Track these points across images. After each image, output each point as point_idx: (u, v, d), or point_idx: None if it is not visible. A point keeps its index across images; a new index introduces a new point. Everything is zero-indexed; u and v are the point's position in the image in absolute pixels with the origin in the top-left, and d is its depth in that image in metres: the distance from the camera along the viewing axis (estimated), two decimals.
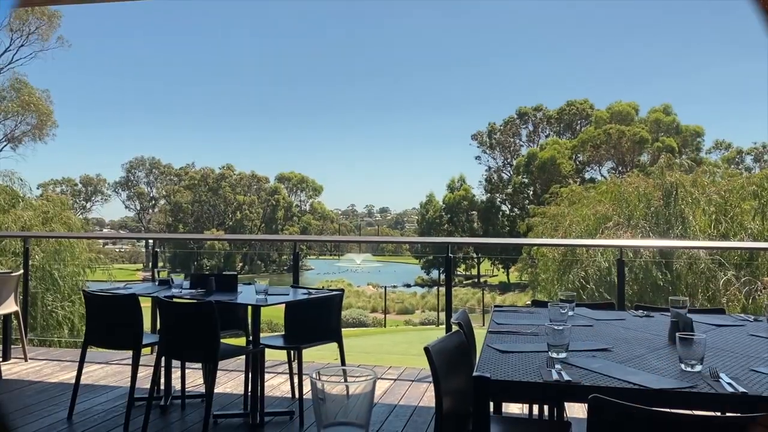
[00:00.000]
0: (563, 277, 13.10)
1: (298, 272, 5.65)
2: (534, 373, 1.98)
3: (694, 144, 41.64)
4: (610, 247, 10.94)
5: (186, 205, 55.03)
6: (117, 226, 67.18)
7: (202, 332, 3.48)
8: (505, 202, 48.36)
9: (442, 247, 4.22)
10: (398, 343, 14.87)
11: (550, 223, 15.47)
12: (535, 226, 16.60)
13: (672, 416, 1.55)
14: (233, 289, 4.04)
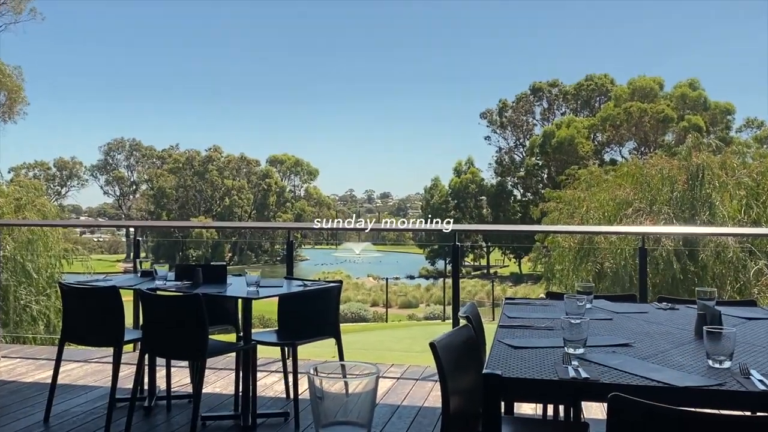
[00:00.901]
0: (580, 267, 13.11)
1: (292, 263, 5.65)
2: (549, 370, 1.99)
3: (724, 122, 41.47)
4: (631, 235, 10.93)
5: (170, 191, 55.03)
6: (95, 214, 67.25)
7: (188, 328, 3.49)
8: (517, 186, 48.32)
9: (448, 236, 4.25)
10: (401, 339, 14.93)
11: (566, 209, 15.45)
12: (550, 212, 16.59)
13: (699, 416, 1.55)
14: (222, 281, 4.05)
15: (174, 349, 3.64)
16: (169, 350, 3.69)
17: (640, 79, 42.97)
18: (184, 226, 43.39)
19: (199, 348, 3.46)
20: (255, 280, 3.77)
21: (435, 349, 2.14)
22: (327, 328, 4.17)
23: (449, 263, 50.83)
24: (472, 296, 28.86)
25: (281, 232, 50.43)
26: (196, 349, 3.48)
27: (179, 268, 4.16)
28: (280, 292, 3.99)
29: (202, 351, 3.46)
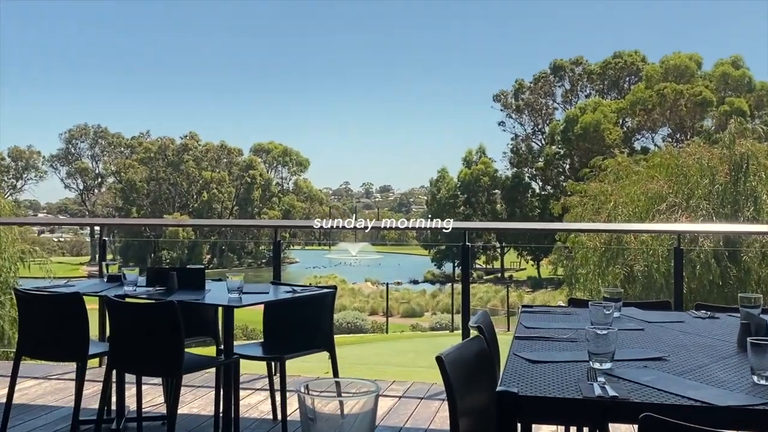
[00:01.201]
0: (606, 271, 13.13)
1: (279, 266, 5.66)
2: (571, 387, 1.98)
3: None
4: (666, 233, 10.93)
5: (140, 184, 55.06)
6: (55, 210, 67.29)
7: (161, 340, 3.49)
8: (536, 179, 48.37)
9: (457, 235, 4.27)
10: (403, 353, 14.93)
11: (591, 205, 15.46)
12: (573, 208, 16.59)
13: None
14: (200, 286, 4.05)
15: (145, 364, 3.65)
16: (140, 365, 3.69)
17: (674, 56, 42.93)
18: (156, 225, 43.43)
19: (173, 363, 3.47)
20: (237, 286, 3.78)
21: (442, 363, 2.14)
22: (319, 339, 4.17)
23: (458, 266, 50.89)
24: (484, 303, 28.86)
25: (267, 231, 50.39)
26: (171, 363, 3.48)
27: (151, 272, 4.16)
28: (266, 299, 3.98)
29: (177, 366, 3.46)
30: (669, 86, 40.43)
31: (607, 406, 1.87)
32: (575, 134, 42.86)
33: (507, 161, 49.23)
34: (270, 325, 4.40)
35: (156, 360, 3.55)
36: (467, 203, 48.60)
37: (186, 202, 56.84)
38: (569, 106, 48.95)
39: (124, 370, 3.79)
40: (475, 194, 48.32)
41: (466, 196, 48.64)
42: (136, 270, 4.03)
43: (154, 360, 3.56)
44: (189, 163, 55.23)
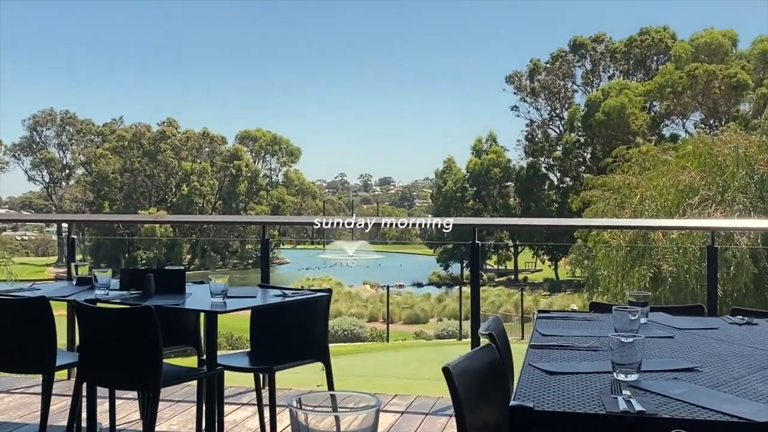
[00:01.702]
0: (631, 272, 13.14)
1: (268, 267, 5.66)
2: (593, 401, 1.99)
3: None
4: (697, 230, 10.94)
5: (113, 176, 55.08)
6: (18, 206, 67.33)
7: (137, 349, 3.49)
8: (553, 169, 48.37)
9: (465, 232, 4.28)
10: (406, 363, 14.95)
11: (614, 198, 15.47)
12: (594, 202, 16.60)
13: None
14: (179, 290, 4.06)
15: (119, 377, 3.65)
16: (114, 378, 3.70)
17: (707, 33, 42.88)
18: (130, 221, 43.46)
19: (150, 375, 3.47)
20: (221, 289, 3.78)
21: (450, 375, 2.14)
22: (313, 349, 4.17)
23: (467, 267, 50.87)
24: (495, 308, 28.86)
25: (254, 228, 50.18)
26: (148, 376, 3.49)
27: (126, 274, 4.16)
28: (254, 304, 3.99)
29: (154, 378, 3.47)
30: (700, 67, 40.38)
31: (632, 423, 1.87)
32: (597, 120, 42.83)
33: (521, 150, 49.30)
34: (258, 332, 4.40)
35: (131, 372, 3.56)
36: (477, 197, 48.61)
37: (164, 196, 56.85)
38: (590, 88, 48.91)
39: (96, 383, 3.80)
40: (486, 187, 48.33)
41: (475, 189, 48.65)
42: (108, 272, 4.03)
43: (129, 372, 3.56)
44: (167, 153, 55.23)
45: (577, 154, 46.30)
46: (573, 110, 46.65)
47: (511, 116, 53.49)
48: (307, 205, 60.42)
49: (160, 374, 3.47)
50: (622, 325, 2.69)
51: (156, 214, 45.01)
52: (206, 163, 56.52)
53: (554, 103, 49.44)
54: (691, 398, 1.99)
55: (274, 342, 4.31)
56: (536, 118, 49.55)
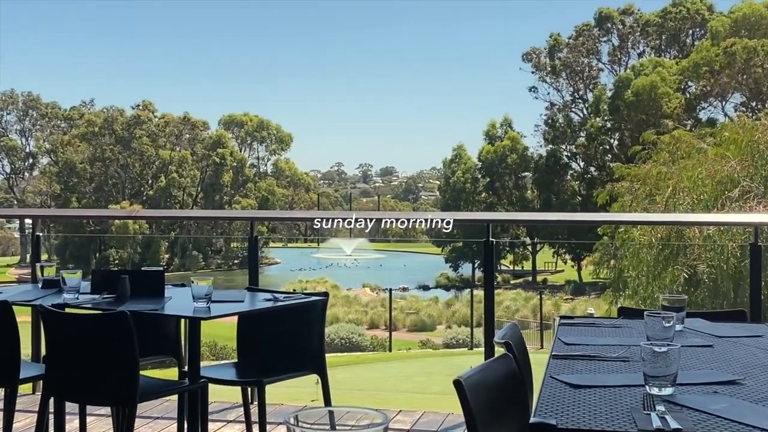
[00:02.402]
0: (664, 273, 13.12)
1: (257, 267, 5.67)
2: (623, 418, 1.98)
3: None
4: (738, 226, 10.91)
5: (82, 166, 55.12)
6: None
7: (111, 359, 3.50)
8: (576, 158, 48.34)
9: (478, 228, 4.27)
10: (411, 376, 14.97)
11: (644, 190, 15.45)
12: (622, 195, 16.58)
13: None
14: (158, 293, 4.06)
15: (91, 391, 3.65)
16: (84, 392, 3.69)
17: (746, 4, 42.75)
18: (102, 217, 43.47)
19: (126, 388, 3.48)
20: (205, 293, 3.78)
21: (461, 388, 2.15)
22: (307, 360, 4.18)
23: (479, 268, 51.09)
24: (511, 314, 28.86)
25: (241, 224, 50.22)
26: (123, 389, 3.49)
27: (97, 276, 4.17)
28: (241, 309, 3.98)
29: (130, 393, 3.47)
30: (739, 42, 40.26)
31: None
32: (625, 102, 42.78)
33: (540, 136, 49.26)
34: (246, 341, 4.40)
35: (104, 385, 3.56)
36: (490, 189, 48.60)
37: (139, 188, 56.89)
38: (618, 67, 48.86)
39: (64, 398, 3.80)
40: (500, 178, 48.31)
41: (488, 180, 48.63)
42: (78, 273, 4.03)
43: (102, 385, 3.57)
44: (142, 140, 55.26)
45: (603, 140, 46.25)
46: (598, 91, 46.57)
47: (529, 98, 53.42)
48: (300, 199, 60.43)
49: (137, 388, 3.47)
50: (654, 333, 2.69)
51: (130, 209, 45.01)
52: (186, 151, 56.55)
53: (577, 84, 49.39)
54: (733, 414, 1.99)
55: (263, 352, 4.31)
56: (557, 100, 49.54)
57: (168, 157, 55.23)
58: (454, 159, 50.18)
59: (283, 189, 59.31)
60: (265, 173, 61.20)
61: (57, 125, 60.44)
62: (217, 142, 56.82)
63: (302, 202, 60.35)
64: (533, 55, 49.93)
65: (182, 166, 55.53)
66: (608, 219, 12.05)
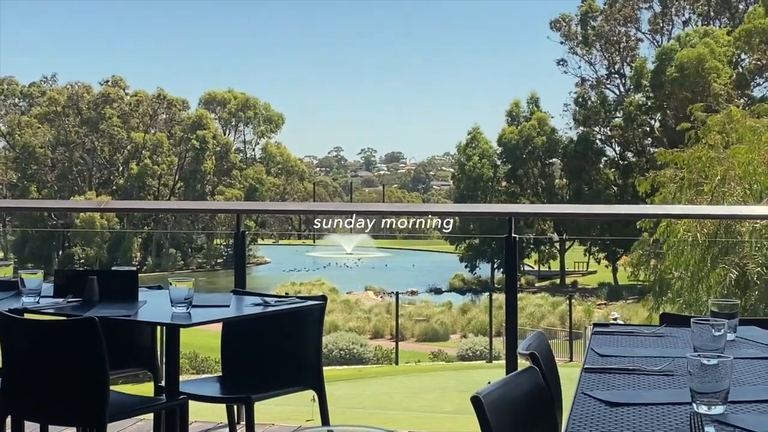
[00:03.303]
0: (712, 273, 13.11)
1: (244, 267, 5.67)
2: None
3: None
4: None
5: (42, 151, 55.19)
6: None
7: (76, 373, 3.50)
8: (611, 142, 48.23)
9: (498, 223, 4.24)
10: (421, 392, 14.98)
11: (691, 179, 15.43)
12: (665, 185, 16.57)
13: None
14: (130, 296, 4.06)
15: (54, 409, 3.65)
16: (46, 409, 3.69)
17: None
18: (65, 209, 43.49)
19: (94, 406, 3.48)
20: (185, 296, 3.78)
21: (480, 406, 2.14)
22: (302, 373, 4.18)
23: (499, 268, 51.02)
24: (536, 321, 28.84)
25: (225, 218, 49.97)
26: (90, 407, 3.49)
27: (61, 277, 4.17)
28: (227, 315, 3.98)
29: (99, 411, 3.47)
30: None
31: None
32: (669, 78, 42.65)
33: (569, 117, 49.13)
34: (231, 352, 4.41)
35: (69, 402, 3.56)
36: (512, 177, 48.53)
37: (108, 176, 56.93)
38: (660, 37, 48.71)
39: (23, 417, 3.80)
40: (524, 164, 48.23)
41: (510, 167, 48.56)
42: (39, 273, 4.03)
43: (67, 402, 3.57)
44: (112, 121, 55.27)
45: (643, 121, 46.12)
46: (638, 65, 46.41)
47: (557, 73, 53.30)
48: (293, 189, 60.45)
49: (106, 405, 3.47)
50: (703, 343, 2.68)
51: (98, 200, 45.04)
52: (162, 134, 56.58)
53: (613, 56, 49.24)
54: None
55: (252, 364, 4.32)
56: (590, 75, 49.40)
57: (141, 141, 55.27)
58: (469, 143, 50.08)
59: (273, 178, 59.31)
60: (252, 159, 61.20)
61: (14, 104, 60.45)
62: (198, 123, 56.82)
63: (296, 192, 60.37)
64: (562, 22, 49.81)
65: (157, 151, 55.56)
66: (649, 212, 11.99)
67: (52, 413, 3.74)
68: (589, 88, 48.97)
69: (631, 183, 45.00)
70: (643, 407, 2.27)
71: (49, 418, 3.89)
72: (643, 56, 47.55)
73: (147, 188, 54.87)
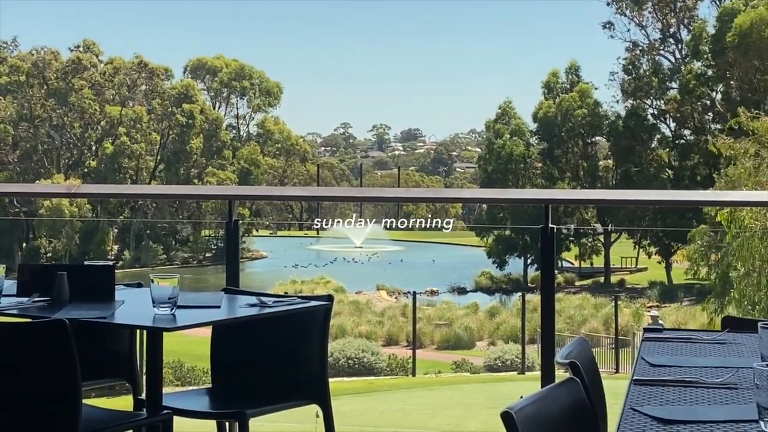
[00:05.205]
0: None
1: (237, 263, 5.68)
2: None
3: None
4: None
5: (2, 127, 55.36)
6: None
7: (44, 383, 3.51)
8: (666, 117, 48.09)
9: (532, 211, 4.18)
10: (442, 409, 14.99)
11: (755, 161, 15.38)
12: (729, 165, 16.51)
13: None
14: (105, 295, 4.07)
15: (17, 425, 3.66)
16: (9, 426, 3.70)
17: None
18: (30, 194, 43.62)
19: (64, 422, 3.49)
20: (168, 295, 3.79)
21: (512, 423, 2.15)
22: (304, 385, 4.19)
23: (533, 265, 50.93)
24: (577, 326, 28.78)
25: (215, 205, 49.91)
26: (60, 423, 3.50)
27: (25, 273, 4.18)
28: (217, 317, 3.99)
29: (70, 428, 3.48)
30: None
31: None
32: (732, 43, 42.48)
33: (617, 88, 48.96)
34: (222, 360, 4.42)
35: (34, 417, 3.58)
36: (548, 158, 48.44)
37: (79, 156, 57.06)
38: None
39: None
40: (563, 143, 48.15)
41: (546, 147, 48.48)
42: (0, 269, 4.05)
43: (32, 417, 3.58)
44: (83, 92, 55.36)
45: (703, 93, 45.94)
46: (697, 28, 46.24)
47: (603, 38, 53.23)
48: (294, 171, 60.52)
49: (78, 422, 3.48)
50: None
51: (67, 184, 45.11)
52: (142, 107, 56.63)
53: (668, 18, 49.03)
54: None
55: (246, 375, 4.33)
56: (640, 40, 49.21)
57: (117, 116, 55.31)
58: (499, 118, 50.03)
59: (271, 158, 59.35)
60: (247, 137, 61.24)
61: None
62: (183, 95, 56.85)
63: (297, 176, 60.45)
64: None
65: (136, 128, 55.60)
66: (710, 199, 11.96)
67: (17, 430, 3.76)
68: (639, 54, 48.78)
69: (688, 165, 45.03)
70: (702, 425, 2.26)
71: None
72: (703, 18, 47.36)
73: (124, 171, 54.96)
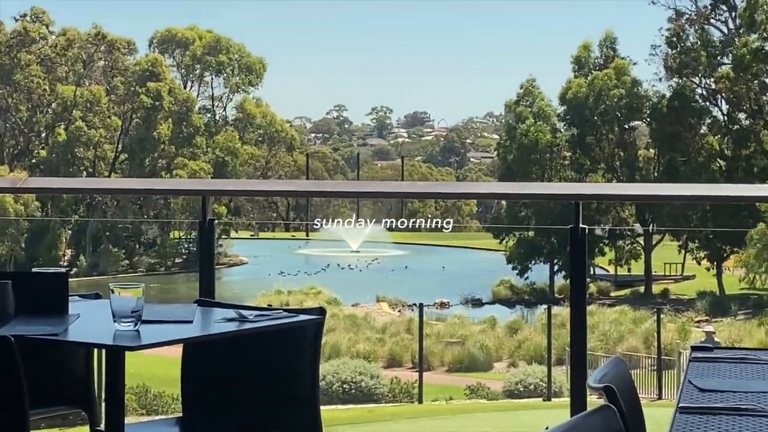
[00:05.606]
0: None
1: (212, 270, 5.69)
2: None
3: None
4: None
5: None
6: None
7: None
8: (718, 98, 48.03)
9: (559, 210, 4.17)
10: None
11: None
12: None
13: None
14: (58, 308, 4.07)
15: None
16: None
17: None
18: None
19: None
20: (131, 308, 3.79)
21: None
22: (291, 413, 4.21)
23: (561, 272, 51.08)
24: (613, 344, 28.80)
25: (186, 202, 49.90)
26: None
27: None
28: (188, 334, 4.00)
29: None
30: None
31: None
32: None
33: (659, 64, 48.99)
34: (195, 385, 4.44)
35: None
36: (579, 146, 48.42)
37: (26, 145, 57.13)
38: None
39: None
40: (596, 129, 48.13)
41: (576, 133, 48.47)
42: None
43: None
44: (31, 69, 55.42)
45: (761, 70, 45.94)
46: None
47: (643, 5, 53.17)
48: (279, 162, 60.56)
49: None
50: None
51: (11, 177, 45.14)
52: (100, 86, 56.64)
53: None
54: None
55: (223, 401, 4.34)
56: (687, 7, 49.24)
57: (71, 97, 55.34)
58: (521, 100, 50.01)
59: (251, 147, 59.37)
60: (223, 122, 61.24)
61: None
62: (149, 72, 56.84)
63: (283, 167, 60.52)
64: None
65: (93, 110, 55.62)
66: None
67: None
68: (685, 24, 48.79)
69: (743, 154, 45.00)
70: None
71: None
72: None
73: (79, 161, 55.01)
